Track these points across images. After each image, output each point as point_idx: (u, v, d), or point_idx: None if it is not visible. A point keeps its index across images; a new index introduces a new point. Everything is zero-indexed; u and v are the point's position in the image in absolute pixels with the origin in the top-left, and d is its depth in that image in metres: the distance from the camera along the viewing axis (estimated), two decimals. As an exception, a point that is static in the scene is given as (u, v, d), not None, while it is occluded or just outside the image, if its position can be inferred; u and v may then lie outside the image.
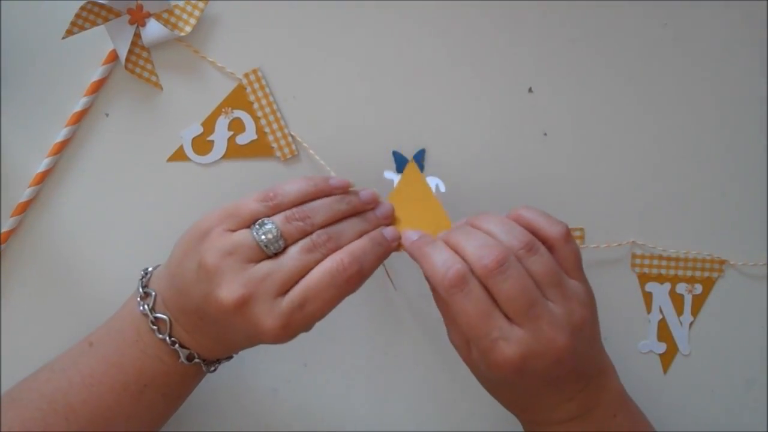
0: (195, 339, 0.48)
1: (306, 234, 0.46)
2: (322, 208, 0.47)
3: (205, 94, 0.55)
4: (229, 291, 0.44)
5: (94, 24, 0.52)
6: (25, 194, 0.55)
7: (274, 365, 0.56)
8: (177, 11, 0.53)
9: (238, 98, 0.54)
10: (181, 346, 0.47)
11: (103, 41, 0.53)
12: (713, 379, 0.55)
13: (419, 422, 0.56)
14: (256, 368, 0.56)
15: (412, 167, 0.53)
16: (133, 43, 0.53)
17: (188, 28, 0.53)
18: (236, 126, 0.55)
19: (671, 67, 0.54)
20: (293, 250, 0.46)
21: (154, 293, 0.48)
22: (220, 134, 0.55)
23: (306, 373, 0.56)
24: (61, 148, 0.55)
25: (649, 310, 0.55)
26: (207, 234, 0.46)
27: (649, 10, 0.54)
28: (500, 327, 0.43)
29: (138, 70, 0.54)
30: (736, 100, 0.54)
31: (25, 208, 0.55)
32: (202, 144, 0.55)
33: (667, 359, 0.55)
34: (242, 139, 0.55)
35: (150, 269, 0.50)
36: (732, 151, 0.54)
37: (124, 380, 0.47)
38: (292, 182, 0.48)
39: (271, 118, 0.54)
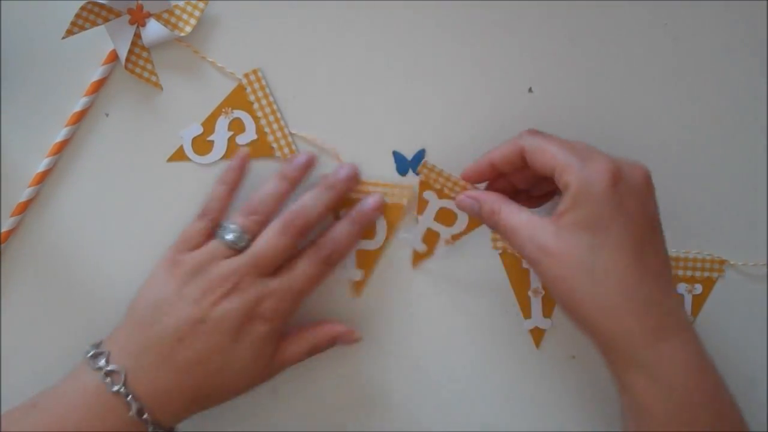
0: (156, 380, 0.48)
1: (263, 224, 0.51)
2: (267, 198, 0.51)
3: (205, 94, 0.55)
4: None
5: (94, 24, 0.52)
6: (25, 194, 0.55)
7: (274, 365, 0.56)
8: (177, 11, 0.53)
9: (238, 98, 0.54)
10: (134, 399, 0.47)
11: (103, 41, 0.53)
12: (713, 379, 0.55)
13: (420, 422, 0.56)
14: (256, 368, 0.56)
15: (423, 168, 0.54)
16: (133, 43, 0.53)
17: (188, 28, 0.53)
18: (236, 126, 0.55)
19: (671, 67, 0.54)
20: (264, 235, 0.50)
21: (107, 350, 0.48)
22: (220, 134, 0.55)
23: (306, 373, 0.56)
24: (61, 148, 0.55)
25: (649, 310, 0.55)
26: (172, 265, 0.50)
27: (649, 10, 0.54)
28: (586, 153, 0.46)
29: (138, 70, 0.54)
30: (736, 100, 0.54)
31: (25, 208, 0.55)
32: (202, 144, 0.55)
33: (667, 359, 0.55)
34: (242, 140, 0.55)
35: (96, 342, 0.50)
36: (732, 151, 0.54)
37: None
38: (264, 189, 0.52)
39: (271, 118, 0.54)
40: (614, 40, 0.54)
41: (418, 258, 0.55)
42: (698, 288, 0.55)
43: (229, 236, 0.50)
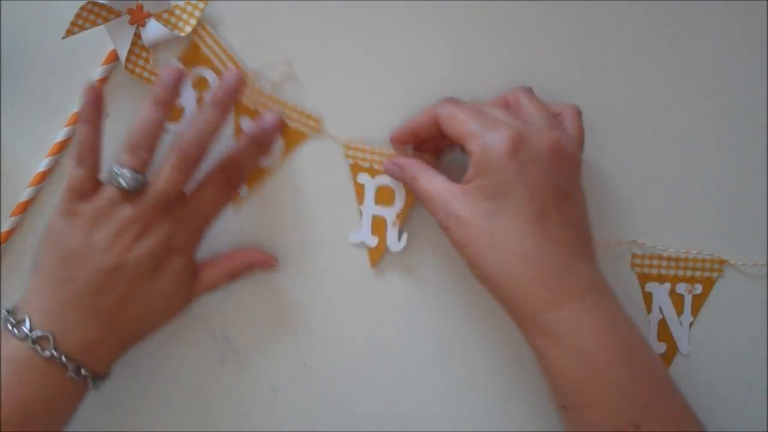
0: (84, 335, 0.47)
1: (151, 158, 0.50)
2: (147, 128, 0.50)
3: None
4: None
5: (94, 24, 0.52)
6: (25, 194, 0.55)
7: (274, 365, 0.56)
8: (177, 11, 0.53)
9: (194, 57, 0.54)
10: (68, 359, 0.47)
11: (103, 41, 0.53)
12: (713, 379, 0.55)
13: (419, 422, 0.56)
14: (256, 368, 0.56)
15: (348, 151, 0.54)
16: (133, 43, 0.53)
17: (188, 28, 0.53)
18: (201, 84, 0.54)
19: (671, 67, 0.54)
20: (163, 173, 0.49)
21: (26, 316, 0.48)
22: (188, 96, 0.54)
23: (306, 373, 0.56)
24: (61, 148, 0.55)
25: (649, 310, 0.55)
26: (70, 215, 0.49)
27: (649, 10, 0.54)
28: (495, 117, 0.47)
29: (138, 70, 0.54)
30: (736, 100, 0.54)
31: (25, 208, 0.55)
32: (174, 112, 0.54)
33: (667, 359, 0.55)
34: (209, 95, 0.53)
35: (9, 308, 0.49)
36: (732, 151, 0.54)
37: (6, 418, 0.46)
38: (142, 119, 0.50)
39: (230, 65, 0.54)
40: (614, 40, 0.54)
41: (374, 255, 0.55)
42: (698, 288, 0.55)
43: (124, 182, 0.48)
